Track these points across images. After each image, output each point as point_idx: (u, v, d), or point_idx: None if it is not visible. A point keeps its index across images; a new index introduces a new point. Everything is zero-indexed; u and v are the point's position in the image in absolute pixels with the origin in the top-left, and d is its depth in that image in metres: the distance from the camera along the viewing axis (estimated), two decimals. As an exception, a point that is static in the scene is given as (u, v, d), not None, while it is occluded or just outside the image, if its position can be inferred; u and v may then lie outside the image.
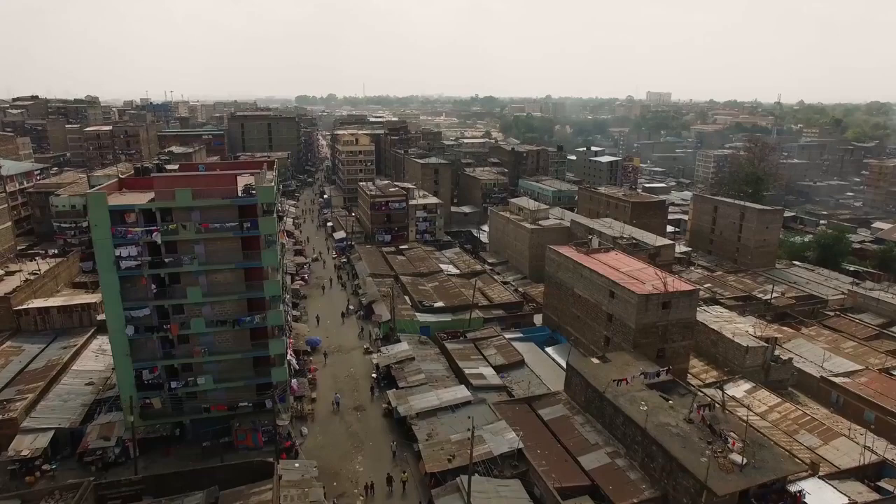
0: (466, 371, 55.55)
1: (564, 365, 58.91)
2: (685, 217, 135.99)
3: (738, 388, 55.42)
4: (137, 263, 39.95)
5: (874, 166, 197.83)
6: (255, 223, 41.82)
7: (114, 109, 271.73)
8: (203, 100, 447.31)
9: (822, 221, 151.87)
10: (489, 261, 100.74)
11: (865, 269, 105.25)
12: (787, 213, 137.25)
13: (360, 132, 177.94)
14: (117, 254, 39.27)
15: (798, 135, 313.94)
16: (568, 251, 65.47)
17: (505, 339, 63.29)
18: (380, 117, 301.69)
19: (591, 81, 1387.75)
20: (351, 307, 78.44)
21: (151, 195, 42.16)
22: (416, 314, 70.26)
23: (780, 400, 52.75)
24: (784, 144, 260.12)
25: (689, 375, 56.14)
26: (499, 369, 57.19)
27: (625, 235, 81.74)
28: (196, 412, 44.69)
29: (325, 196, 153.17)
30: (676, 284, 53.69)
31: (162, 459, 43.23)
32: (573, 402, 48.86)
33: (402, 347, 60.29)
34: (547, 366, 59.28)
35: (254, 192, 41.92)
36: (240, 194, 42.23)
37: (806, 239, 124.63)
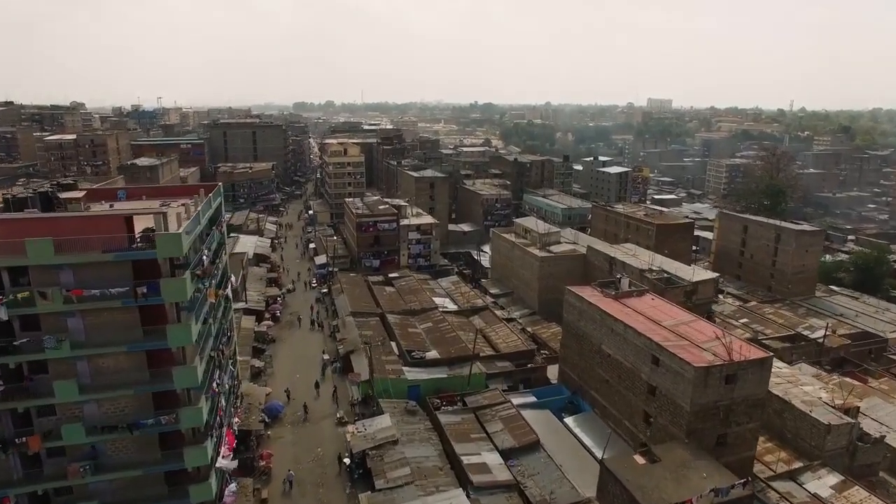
0: (465, 461, 42.34)
1: (590, 446, 46.00)
2: (702, 234, 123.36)
3: (821, 482, 42.36)
4: (-28, 350, 26.88)
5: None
6: (155, 287, 28.63)
7: (96, 116, 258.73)
8: (198, 106, 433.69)
9: (849, 237, 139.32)
10: (492, 291, 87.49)
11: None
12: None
13: (350, 141, 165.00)
14: (-63, 338, 26.22)
15: (809, 142, 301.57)
16: (591, 295, 52.31)
17: (513, 407, 50.03)
18: (375, 124, 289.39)
19: (591, 86, 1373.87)
20: (326, 356, 65.11)
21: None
22: (404, 369, 57.10)
23: (884, 505, 39.68)
24: (797, 153, 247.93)
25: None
26: (507, 454, 44.09)
27: (654, 267, 68.63)
28: (79, 551, 31.37)
29: (311, 212, 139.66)
30: (744, 350, 40.56)
31: None
32: (612, 520, 35.79)
33: (384, 423, 46.98)
34: (569, 448, 46.00)
35: (153, 239, 28.80)
36: (138, 243, 29.11)
37: (838, 258, 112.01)
